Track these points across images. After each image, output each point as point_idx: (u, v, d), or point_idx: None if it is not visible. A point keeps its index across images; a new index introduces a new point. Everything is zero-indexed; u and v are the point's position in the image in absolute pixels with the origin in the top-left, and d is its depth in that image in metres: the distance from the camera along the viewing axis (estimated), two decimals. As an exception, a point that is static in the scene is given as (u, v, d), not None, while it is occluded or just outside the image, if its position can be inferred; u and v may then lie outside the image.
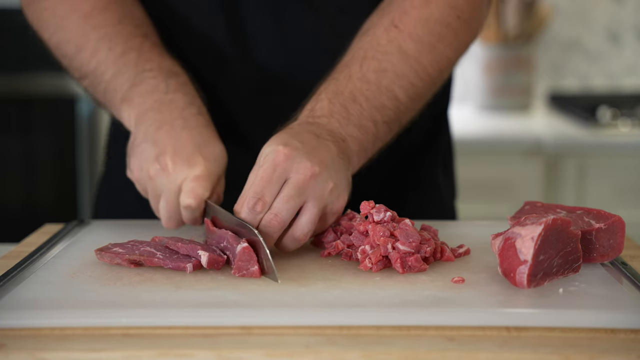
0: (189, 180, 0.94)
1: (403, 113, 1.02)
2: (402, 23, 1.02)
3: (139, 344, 0.71)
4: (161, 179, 0.95)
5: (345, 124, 0.96)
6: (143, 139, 0.98)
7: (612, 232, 0.87)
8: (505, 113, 2.71)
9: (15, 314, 0.75)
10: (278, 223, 0.87)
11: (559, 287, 0.81)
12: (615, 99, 2.69)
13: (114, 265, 0.88)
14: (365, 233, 0.90)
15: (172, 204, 0.95)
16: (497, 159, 2.38)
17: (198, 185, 0.94)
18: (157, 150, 0.96)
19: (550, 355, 0.69)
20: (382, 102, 0.99)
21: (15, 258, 0.93)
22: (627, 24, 2.86)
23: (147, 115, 1.00)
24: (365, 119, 0.98)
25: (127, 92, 1.03)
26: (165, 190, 0.95)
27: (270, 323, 0.74)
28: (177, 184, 0.95)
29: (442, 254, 0.89)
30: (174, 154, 0.95)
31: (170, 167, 0.95)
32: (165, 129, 0.98)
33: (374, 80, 0.99)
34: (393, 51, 1.01)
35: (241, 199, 0.89)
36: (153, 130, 0.98)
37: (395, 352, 0.69)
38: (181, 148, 0.96)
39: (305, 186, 0.88)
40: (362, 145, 0.97)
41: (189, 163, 0.95)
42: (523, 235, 0.80)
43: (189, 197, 0.94)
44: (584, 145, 2.34)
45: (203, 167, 0.95)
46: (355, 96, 0.98)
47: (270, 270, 0.84)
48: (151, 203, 0.98)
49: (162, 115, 0.99)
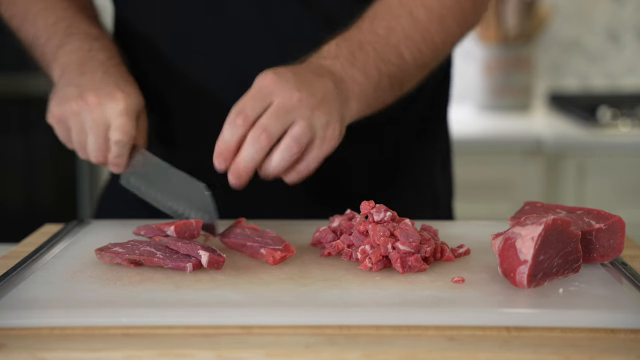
0: (116, 116, 0.98)
1: (407, 74, 1.04)
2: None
3: (139, 344, 0.71)
4: (86, 114, 0.98)
5: (348, 67, 0.98)
6: (65, 84, 1.02)
7: (612, 233, 0.87)
8: (505, 113, 2.71)
9: (15, 314, 0.75)
10: (266, 137, 0.87)
11: (559, 287, 0.81)
12: (615, 99, 2.69)
13: (114, 265, 0.88)
14: (365, 233, 0.90)
15: (101, 136, 0.98)
16: (497, 159, 2.38)
17: (126, 121, 0.98)
18: (80, 89, 1.00)
19: (550, 355, 0.69)
20: (388, 56, 1.01)
21: (15, 258, 0.93)
22: (627, 24, 2.86)
23: (71, 66, 1.05)
24: (370, 66, 0.99)
25: (55, 52, 1.08)
26: (92, 125, 0.98)
27: (270, 323, 0.74)
28: (104, 118, 0.98)
29: (442, 254, 0.89)
30: (96, 90, 0.99)
31: (94, 101, 0.98)
32: (87, 76, 1.02)
33: (383, 35, 1.02)
34: (404, 14, 1.03)
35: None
36: (75, 77, 1.02)
37: (395, 352, 0.69)
38: (103, 86, 1.00)
39: (291, 109, 0.89)
40: (362, 90, 0.98)
41: (111, 97, 0.98)
42: (523, 235, 0.80)
43: (119, 133, 0.97)
44: (584, 145, 2.34)
45: (125, 101, 0.99)
46: (363, 45, 1.00)
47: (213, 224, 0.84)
48: (75, 139, 1.01)
49: (85, 66, 1.04)
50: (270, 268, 0.87)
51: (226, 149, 0.90)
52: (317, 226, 0.97)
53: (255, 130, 0.88)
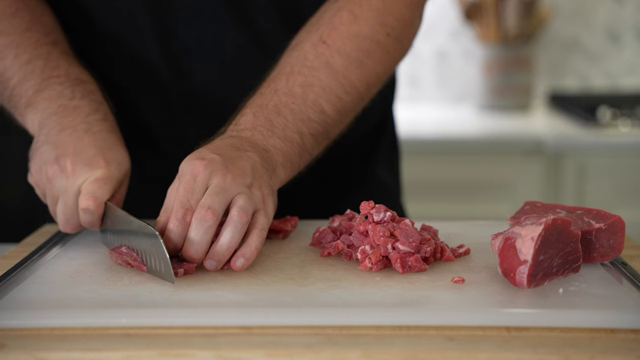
0: (89, 183, 0.93)
1: (331, 126, 1.02)
2: (330, 39, 1.02)
3: (139, 344, 0.71)
4: (60, 181, 0.94)
5: (268, 136, 0.95)
6: (44, 142, 0.97)
7: (612, 232, 0.87)
8: (505, 113, 2.71)
9: (15, 314, 0.75)
10: (212, 215, 0.84)
11: (559, 287, 0.81)
12: (615, 99, 2.69)
13: (114, 265, 0.88)
14: (365, 233, 0.90)
15: (70, 206, 0.93)
16: (497, 159, 2.38)
17: (97, 188, 0.93)
18: (58, 152, 0.95)
19: (550, 355, 0.69)
20: (308, 115, 0.99)
21: (15, 258, 0.93)
22: (627, 24, 2.86)
23: (50, 119, 0.99)
24: (290, 130, 0.97)
25: (31, 97, 1.01)
26: (63, 193, 0.93)
27: (270, 323, 0.74)
28: (76, 186, 0.93)
29: (442, 254, 0.89)
30: (74, 155, 0.94)
31: (69, 168, 0.93)
32: (67, 132, 0.96)
33: (300, 94, 0.99)
34: (320, 66, 1.01)
35: (164, 213, 0.88)
36: (55, 133, 0.97)
37: (395, 352, 0.69)
38: (82, 150, 0.95)
39: (228, 186, 0.86)
40: (287, 157, 0.96)
41: (89, 165, 0.94)
42: (523, 235, 0.80)
43: (87, 199, 0.92)
44: (584, 145, 2.34)
45: (104, 170, 0.94)
46: (280, 109, 0.97)
47: (167, 272, 0.83)
48: (49, 206, 0.97)
49: (66, 120, 0.98)
50: (271, 268, 0.87)
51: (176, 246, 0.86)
52: (317, 226, 0.97)
53: (200, 211, 0.84)
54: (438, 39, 2.87)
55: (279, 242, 0.97)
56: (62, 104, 1.00)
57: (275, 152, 0.95)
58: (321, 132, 1.01)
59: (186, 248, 0.85)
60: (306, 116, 0.99)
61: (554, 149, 2.33)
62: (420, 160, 2.38)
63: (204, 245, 0.85)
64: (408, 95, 2.87)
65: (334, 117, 1.01)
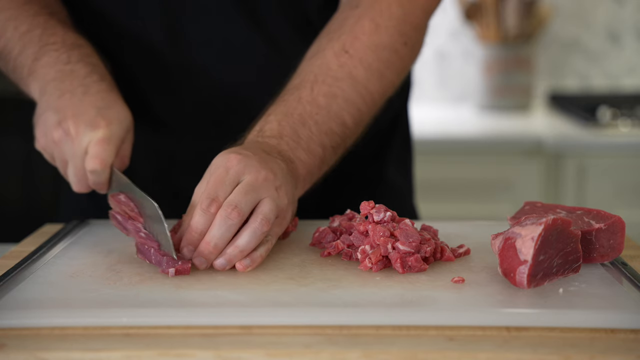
0: (93, 144, 0.95)
1: (349, 138, 1.03)
2: (352, 48, 1.02)
3: (139, 344, 0.71)
4: (66, 144, 0.97)
5: (294, 147, 0.96)
6: (45, 108, 0.99)
7: (612, 233, 0.87)
8: (505, 113, 2.71)
9: (15, 314, 0.75)
10: (238, 214, 0.85)
11: (559, 287, 0.81)
12: (615, 99, 2.69)
13: (114, 265, 0.88)
14: (365, 233, 0.90)
15: (79, 167, 0.97)
16: (497, 159, 2.38)
17: (102, 150, 0.95)
18: (59, 116, 0.97)
19: (550, 355, 0.69)
20: (331, 128, 0.99)
21: (15, 258, 0.93)
22: (627, 24, 2.86)
23: (50, 85, 1.01)
24: (315, 143, 0.98)
25: (31, 66, 1.04)
26: (71, 155, 0.96)
27: (270, 323, 0.74)
28: (82, 148, 0.96)
29: (442, 254, 0.89)
30: (75, 118, 0.96)
31: (73, 131, 0.96)
32: (67, 97, 0.99)
33: (324, 105, 0.99)
34: (344, 77, 1.01)
35: (190, 210, 0.88)
36: (54, 99, 0.99)
37: (395, 352, 0.69)
38: (83, 112, 0.97)
39: (259, 185, 0.87)
40: (309, 170, 0.97)
41: (91, 126, 0.96)
42: (523, 236, 0.80)
43: (93, 162, 0.95)
44: (584, 145, 2.34)
45: (106, 130, 0.96)
46: (305, 120, 0.98)
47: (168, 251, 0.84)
48: (59, 168, 1.00)
49: (64, 84, 1.00)
50: (271, 268, 0.87)
51: (199, 238, 0.86)
52: (317, 226, 0.97)
53: (226, 208, 0.84)
54: (438, 39, 2.87)
55: (279, 242, 0.97)
56: (60, 69, 1.02)
57: (299, 164, 0.95)
58: (340, 144, 1.02)
59: (205, 242, 0.85)
60: (329, 128, 0.99)
61: (554, 149, 2.33)
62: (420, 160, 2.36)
63: (223, 242, 0.85)
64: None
65: (352, 128, 1.03)
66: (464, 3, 2.74)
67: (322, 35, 1.06)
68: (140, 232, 0.88)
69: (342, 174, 1.24)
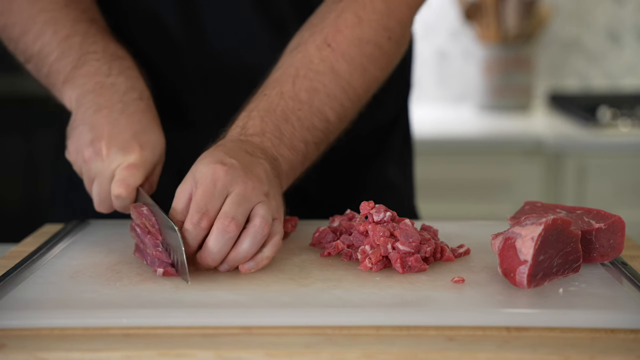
0: (122, 169, 0.94)
1: (331, 133, 1.02)
2: (335, 42, 1.01)
3: (139, 344, 0.71)
4: (95, 164, 0.95)
5: (277, 145, 0.95)
6: (81, 121, 0.98)
7: (612, 232, 0.87)
8: (505, 113, 2.71)
9: (15, 314, 0.75)
10: (235, 226, 0.84)
11: (559, 287, 0.81)
12: (615, 99, 2.69)
13: (114, 265, 0.88)
14: (365, 233, 0.90)
15: (105, 189, 0.95)
16: (497, 159, 2.38)
17: (130, 175, 0.94)
18: (93, 134, 0.96)
19: (550, 355, 0.69)
20: (313, 123, 0.99)
21: (15, 258, 0.93)
22: (627, 24, 2.86)
23: (87, 97, 0.99)
24: (297, 139, 0.97)
25: (69, 74, 1.03)
26: (98, 175, 0.95)
27: (270, 323, 0.74)
28: (110, 170, 0.95)
29: (442, 254, 0.89)
30: (109, 139, 0.95)
31: (104, 152, 0.95)
32: (104, 113, 0.97)
33: (306, 100, 0.99)
34: (325, 71, 1.00)
35: (173, 213, 0.87)
36: (91, 113, 0.98)
37: (395, 352, 0.69)
38: (117, 134, 0.96)
39: (249, 195, 0.86)
40: (291, 166, 0.97)
41: (124, 150, 0.95)
42: (523, 236, 0.80)
43: (119, 186, 0.94)
44: (584, 145, 2.34)
45: (138, 155, 0.95)
46: (288, 116, 0.97)
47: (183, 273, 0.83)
48: (85, 184, 0.99)
49: (102, 99, 0.99)
50: (271, 268, 0.87)
51: (191, 253, 0.85)
52: (317, 226, 0.97)
53: (223, 220, 0.83)
54: (438, 39, 2.87)
55: (279, 242, 0.97)
56: (99, 80, 1.01)
57: (282, 161, 0.95)
58: (323, 139, 1.01)
59: (203, 256, 0.84)
60: (311, 124, 0.99)
61: (554, 149, 2.33)
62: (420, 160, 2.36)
63: (223, 255, 0.84)
64: (408, 95, 2.87)
65: (335, 124, 1.02)
66: (464, 3, 2.74)
67: (305, 28, 1.05)
68: (158, 247, 0.87)
69: (343, 174, 1.24)
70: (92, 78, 1.01)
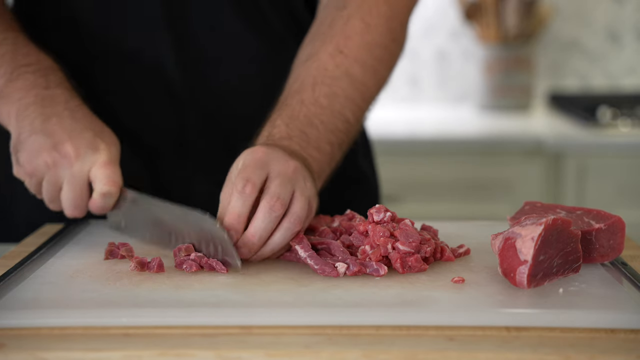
0: (99, 167, 0.94)
1: (351, 133, 1.05)
2: (347, 48, 1.05)
3: (139, 344, 0.71)
4: (63, 168, 0.94)
5: (305, 146, 0.97)
6: (31, 132, 0.96)
7: (612, 233, 0.87)
8: (505, 113, 2.71)
9: (15, 314, 0.75)
10: (281, 205, 0.86)
11: (559, 287, 0.81)
12: (615, 99, 2.69)
13: (114, 265, 0.88)
14: (365, 233, 0.90)
15: (79, 192, 0.94)
16: (497, 159, 2.38)
17: (111, 172, 0.94)
18: (53, 139, 0.95)
19: (550, 355, 0.69)
20: (336, 125, 1.02)
21: (15, 258, 0.93)
22: (627, 24, 2.86)
23: (29, 109, 0.98)
24: (323, 141, 0.99)
25: (3, 88, 1.01)
26: (69, 179, 0.94)
27: (270, 323, 0.74)
28: (84, 172, 0.94)
29: (442, 254, 0.89)
30: (72, 140, 0.94)
31: (72, 154, 0.94)
32: (54, 121, 0.96)
33: (327, 105, 1.02)
34: (341, 76, 1.04)
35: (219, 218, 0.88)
36: (40, 122, 0.96)
37: (395, 352, 0.69)
38: (79, 135, 0.95)
39: (291, 176, 0.88)
40: (320, 167, 0.98)
41: (92, 149, 0.94)
42: (523, 236, 0.80)
43: (106, 184, 0.93)
44: (584, 145, 2.34)
45: (107, 152, 0.95)
46: (311, 120, 1.00)
47: (231, 257, 0.85)
48: (47, 194, 0.96)
49: (47, 109, 0.98)
50: (271, 268, 0.87)
51: (239, 221, 0.86)
52: (317, 226, 0.97)
53: (270, 199, 0.86)
54: (438, 39, 2.87)
55: (279, 242, 0.97)
56: (38, 93, 0.99)
57: (312, 161, 0.97)
58: (345, 140, 1.04)
59: (250, 234, 0.86)
60: (334, 126, 1.01)
61: (554, 149, 2.33)
62: (421, 160, 2.38)
63: (267, 233, 0.86)
64: (408, 95, 2.87)
65: (354, 124, 1.05)
66: (464, 3, 2.74)
67: (313, 39, 1.08)
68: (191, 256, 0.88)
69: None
70: (30, 91, 0.99)
